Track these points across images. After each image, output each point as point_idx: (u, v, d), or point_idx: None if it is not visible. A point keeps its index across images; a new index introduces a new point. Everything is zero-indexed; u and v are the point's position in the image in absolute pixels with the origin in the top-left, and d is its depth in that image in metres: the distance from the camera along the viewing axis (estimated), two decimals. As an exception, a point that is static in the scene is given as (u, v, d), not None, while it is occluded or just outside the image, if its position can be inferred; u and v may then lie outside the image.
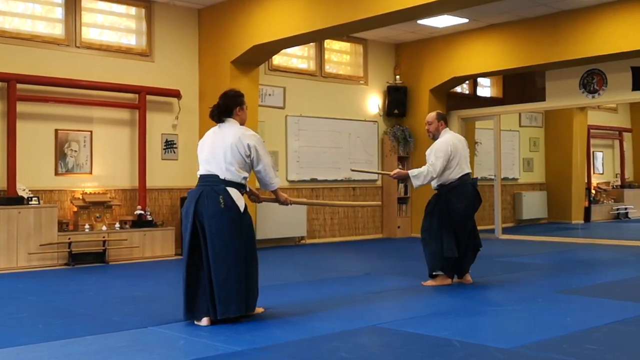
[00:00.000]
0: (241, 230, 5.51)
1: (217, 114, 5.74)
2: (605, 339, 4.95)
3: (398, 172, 7.83)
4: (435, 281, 7.50)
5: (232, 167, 5.53)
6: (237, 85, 10.80)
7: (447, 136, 7.57)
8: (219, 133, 5.70)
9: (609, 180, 17.62)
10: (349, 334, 5.18)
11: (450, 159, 7.39)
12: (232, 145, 5.53)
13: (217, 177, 5.53)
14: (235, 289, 5.44)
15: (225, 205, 5.44)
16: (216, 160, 5.57)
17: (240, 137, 5.56)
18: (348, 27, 9.87)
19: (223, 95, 5.81)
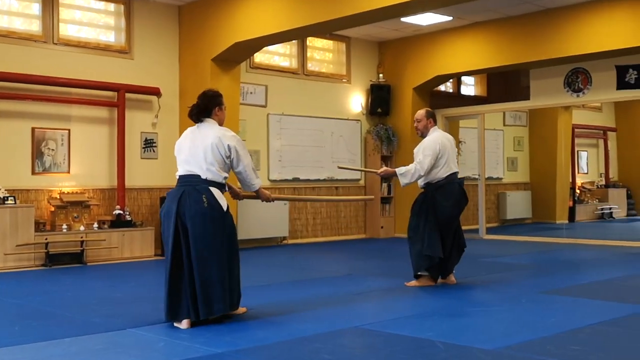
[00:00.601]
0: (223, 230, 5.52)
1: (196, 113, 5.74)
2: (590, 340, 4.97)
3: (385, 170, 7.91)
4: (419, 282, 7.51)
5: (213, 167, 5.53)
6: (218, 83, 10.80)
7: (435, 134, 7.59)
8: (197, 133, 5.69)
9: (594, 179, 17.73)
10: (331, 335, 5.18)
11: (438, 158, 7.41)
12: (213, 146, 5.53)
13: (198, 177, 5.53)
14: (218, 289, 5.44)
15: (209, 205, 5.43)
16: (196, 160, 5.56)
17: (221, 137, 5.57)
18: (331, 25, 9.86)
19: (202, 95, 5.81)
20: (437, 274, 7.54)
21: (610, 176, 17.83)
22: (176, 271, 5.53)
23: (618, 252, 10.74)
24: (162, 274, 5.60)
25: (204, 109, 5.74)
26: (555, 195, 15.66)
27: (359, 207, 13.72)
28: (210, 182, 5.52)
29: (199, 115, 5.73)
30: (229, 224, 5.59)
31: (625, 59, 11.45)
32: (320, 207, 13.12)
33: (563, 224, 15.20)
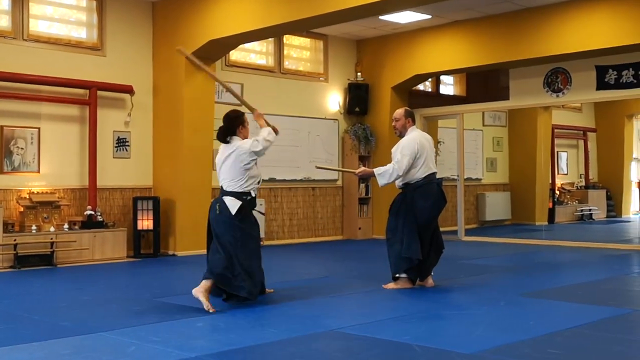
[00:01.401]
0: (232, 230, 6.48)
1: (223, 134, 6.72)
2: (569, 343, 4.99)
3: (363, 170, 7.99)
4: (396, 284, 7.51)
5: (232, 181, 6.59)
6: (193, 81, 10.79)
7: (413, 134, 7.60)
8: (224, 151, 6.68)
9: (573, 181, 17.83)
10: (307, 339, 5.16)
11: (416, 158, 7.42)
12: (231, 163, 6.58)
13: (222, 189, 6.68)
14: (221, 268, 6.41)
15: (220, 212, 6.53)
16: (222, 174, 6.68)
17: (237, 151, 6.56)
18: (308, 22, 9.86)
19: (225, 117, 6.80)
20: (415, 275, 7.54)
21: (590, 177, 17.95)
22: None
23: (597, 254, 10.80)
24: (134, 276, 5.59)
25: (228, 129, 6.72)
26: (535, 196, 15.74)
27: (336, 208, 13.71)
28: (228, 192, 6.60)
29: (225, 136, 6.71)
30: (238, 226, 6.51)
31: (605, 59, 11.51)
32: (297, 208, 13.09)
33: (542, 226, 15.29)
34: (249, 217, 6.71)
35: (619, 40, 10.58)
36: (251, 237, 6.69)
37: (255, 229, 6.83)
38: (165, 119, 11.16)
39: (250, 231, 6.69)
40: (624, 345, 4.96)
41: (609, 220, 17.22)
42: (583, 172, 18.06)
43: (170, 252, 10.97)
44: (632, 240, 12.88)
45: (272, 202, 12.67)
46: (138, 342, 5.07)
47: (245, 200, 6.61)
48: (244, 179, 6.59)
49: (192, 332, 5.42)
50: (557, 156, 17.15)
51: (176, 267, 9.76)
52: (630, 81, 11.32)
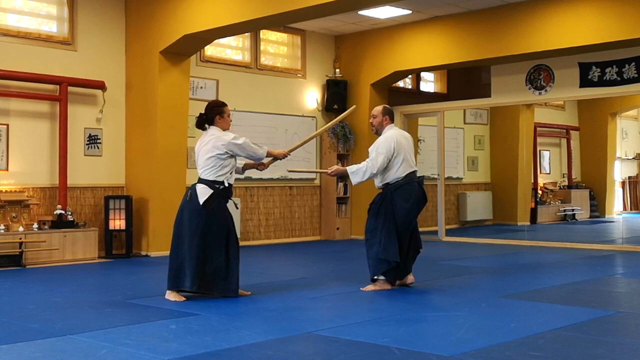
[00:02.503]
0: (198, 220, 6.76)
1: (200, 122, 7.02)
2: (550, 346, 5.02)
3: (336, 170, 7.90)
4: (375, 286, 7.53)
5: (206, 168, 6.81)
6: (167, 77, 10.77)
7: (390, 132, 7.62)
8: (203, 138, 6.95)
9: (556, 180, 17.93)
10: (283, 341, 5.17)
11: (393, 157, 7.44)
12: (207, 151, 6.80)
13: (199, 177, 6.88)
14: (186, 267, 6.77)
15: (190, 198, 6.83)
16: (198, 163, 6.92)
17: (216, 141, 6.79)
18: (285, 17, 9.85)
19: (206, 105, 7.10)
20: (394, 277, 7.56)
21: (573, 177, 18.05)
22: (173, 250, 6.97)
23: (580, 255, 10.88)
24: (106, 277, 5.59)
25: (206, 118, 7.00)
26: (517, 196, 15.82)
27: (314, 208, 13.73)
28: (202, 180, 6.83)
29: (202, 124, 7.02)
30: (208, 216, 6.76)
31: (589, 56, 11.60)
32: (273, 208, 13.10)
33: (524, 226, 15.37)
34: (220, 211, 6.89)
35: (602, 36, 10.67)
36: (217, 229, 6.85)
37: (224, 221, 6.92)
38: (139, 115, 11.13)
39: (217, 224, 6.85)
40: (607, 348, 4.99)
41: (592, 220, 17.34)
42: (566, 172, 18.16)
43: (143, 253, 10.94)
44: (615, 241, 12.97)
45: (248, 202, 12.66)
46: (110, 345, 5.05)
47: (217, 190, 6.82)
48: (217, 167, 6.81)
49: (165, 334, 5.41)
50: (539, 155, 17.23)
51: (149, 268, 9.73)
52: (614, 78, 11.41)
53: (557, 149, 18.15)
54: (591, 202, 17.74)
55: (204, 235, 6.79)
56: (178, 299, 6.82)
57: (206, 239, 6.80)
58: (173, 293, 6.88)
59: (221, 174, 6.85)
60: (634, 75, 11.21)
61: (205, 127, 7.03)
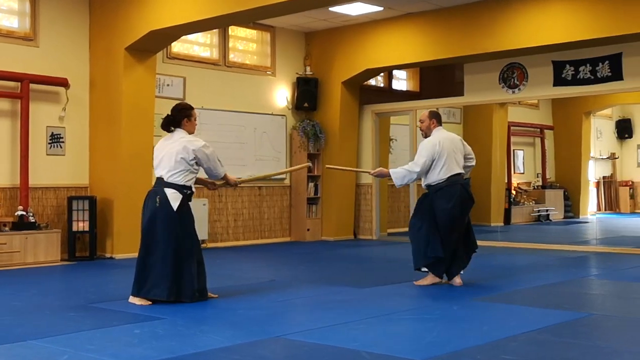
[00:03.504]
0: (171, 226, 6.76)
1: (166, 124, 6.99)
2: (522, 349, 5.06)
3: (380, 171, 8.41)
4: (425, 280, 8.00)
5: (175, 171, 6.77)
6: (132, 74, 10.72)
7: (437, 135, 7.99)
8: (168, 140, 6.95)
9: (530, 180, 18.04)
10: (251, 346, 5.16)
11: (436, 159, 7.80)
12: (177, 153, 6.76)
13: (162, 180, 6.82)
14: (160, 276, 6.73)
15: (160, 204, 6.75)
16: (163, 165, 6.83)
17: (186, 145, 6.79)
18: (255, 13, 9.84)
19: (173, 107, 7.05)
20: (441, 272, 7.95)
21: (547, 176, 18.18)
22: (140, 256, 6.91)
23: (554, 256, 10.96)
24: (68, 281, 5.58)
25: (172, 120, 6.98)
26: (490, 196, 15.87)
27: (284, 209, 13.72)
28: (169, 184, 6.78)
29: (168, 125, 6.98)
30: (180, 222, 6.81)
31: (562, 54, 11.69)
32: (242, 209, 13.07)
33: (498, 227, 15.43)
34: (189, 213, 6.98)
35: (576, 35, 10.74)
36: (189, 235, 6.94)
37: (193, 227, 7.05)
38: (103, 113, 11.05)
39: (188, 230, 6.95)
40: (579, 351, 5.04)
41: (567, 221, 17.46)
42: (540, 171, 18.28)
43: (107, 255, 10.87)
44: (589, 242, 13.08)
45: (216, 202, 12.63)
46: (71, 350, 5.02)
47: (185, 194, 6.88)
48: (186, 171, 6.83)
49: (129, 339, 5.39)
50: (513, 154, 17.33)
51: (114, 270, 9.68)
52: (588, 77, 11.51)
53: (531, 148, 18.27)
54: (565, 202, 17.88)
55: (179, 242, 6.81)
56: (144, 302, 6.77)
57: (180, 245, 6.82)
58: (138, 297, 6.85)
59: (189, 179, 6.88)
60: (608, 74, 11.32)
61: (171, 129, 7.00)
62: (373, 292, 7.60)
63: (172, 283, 6.73)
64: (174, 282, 6.75)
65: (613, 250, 11.43)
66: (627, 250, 11.41)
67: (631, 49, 11.09)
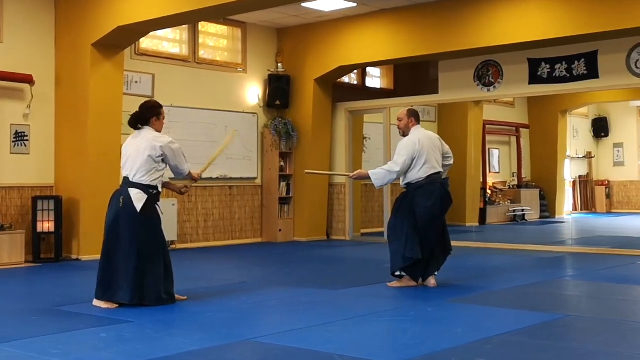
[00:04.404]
0: (134, 228, 6.71)
1: (133, 121, 6.93)
2: (496, 351, 5.08)
3: (359, 173, 8.41)
4: (400, 282, 7.97)
5: (141, 171, 6.74)
6: (99, 71, 10.66)
7: (415, 133, 8.01)
8: (135, 139, 6.90)
9: (506, 179, 18.16)
10: (221, 349, 5.15)
11: (416, 158, 7.82)
12: (144, 151, 6.73)
13: (127, 180, 6.80)
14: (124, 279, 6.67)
15: (124, 205, 6.72)
16: (129, 164, 6.81)
17: (152, 141, 6.76)
18: (225, 9, 9.81)
19: (141, 105, 7.05)
20: (417, 274, 7.93)
21: (523, 176, 18.30)
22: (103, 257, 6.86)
23: (530, 256, 11.02)
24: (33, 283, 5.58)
25: (141, 117, 6.94)
26: (465, 196, 15.92)
27: (255, 209, 13.69)
28: (134, 184, 6.74)
29: (136, 123, 6.92)
30: (145, 224, 6.75)
31: (538, 51, 11.75)
32: (212, 209, 13.02)
33: (473, 227, 15.50)
34: (154, 214, 6.93)
35: (552, 32, 10.80)
36: (154, 237, 6.89)
37: (159, 228, 7.01)
38: (69, 111, 10.98)
39: (154, 231, 6.89)
40: (554, 353, 5.07)
41: (542, 221, 17.59)
42: (516, 171, 18.41)
43: (73, 257, 10.80)
44: (565, 242, 13.17)
45: (186, 202, 12.58)
46: (35, 355, 4.98)
47: (151, 194, 6.83)
48: (152, 170, 6.79)
49: (95, 342, 5.36)
50: (488, 153, 17.44)
51: (80, 272, 9.60)
52: (563, 75, 11.58)
53: (506, 147, 18.39)
54: (541, 202, 18.01)
55: (143, 244, 6.76)
56: (110, 305, 6.72)
57: (145, 247, 6.76)
58: (102, 301, 6.79)
59: (155, 178, 6.83)
60: (584, 72, 11.39)
61: (139, 126, 6.95)
62: (346, 293, 7.60)
63: (136, 286, 6.67)
64: (137, 285, 6.68)
65: (589, 251, 11.50)
66: (603, 250, 11.49)
67: (607, 46, 11.17)
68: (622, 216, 18.98)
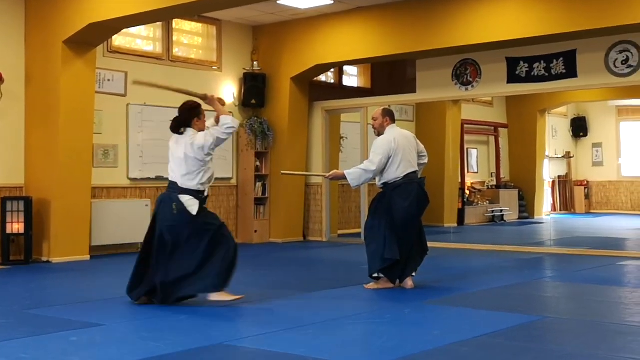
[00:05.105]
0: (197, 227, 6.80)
1: (177, 126, 6.97)
2: (473, 354, 5.09)
3: (335, 173, 8.39)
4: (377, 284, 7.97)
5: (189, 175, 6.80)
6: (71, 69, 10.59)
7: (391, 132, 8.03)
8: (178, 143, 6.92)
9: (484, 179, 18.23)
10: (193, 353, 5.13)
11: (392, 157, 7.84)
12: (187, 156, 6.79)
13: (176, 184, 6.87)
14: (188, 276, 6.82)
15: (177, 212, 6.76)
16: (176, 170, 6.88)
17: (191, 145, 6.79)
18: (200, 6, 9.79)
19: (181, 107, 7.07)
20: (395, 276, 7.94)
21: (502, 176, 18.37)
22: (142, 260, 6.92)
23: (508, 257, 11.06)
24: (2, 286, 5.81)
25: (183, 121, 6.98)
26: (443, 196, 15.97)
27: (230, 209, 13.65)
28: (183, 189, 6.80)
29: (178, 127, 6.96)
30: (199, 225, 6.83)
31: (516, 50, 11.79)
32: (186, 209, 12.94)
33: (451, 228, 15.57)
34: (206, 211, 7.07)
35: (530, 31, 10.84)
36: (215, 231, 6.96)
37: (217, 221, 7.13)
38: (40, 110, 10.90)
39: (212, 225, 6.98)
40: (531, 355, 5.08)
41: (521, 221, 17.68)
42: (494, 171, 18.48)
43: (44, 259, 10.71)
44: (544, 243, 13.24)
45: (160, 203, 12.50)
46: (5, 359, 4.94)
47: (201, 199, 6.93)
48: (200, 173, 6.85)
49: (65, 347, 5.31)
50: (467, 153, 17.50)
51: (50, 275, 9.55)
52: (542, 74, 11.63)
53: (485, 147, 18.46)
54: (520, 202, 18.10)
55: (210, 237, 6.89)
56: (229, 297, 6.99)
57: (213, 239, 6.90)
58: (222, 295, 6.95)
59: (203, 181, 6.89)
60: (562, 71, 11.45)
61: (181, 130, 6.97)
62: (322, 295, 7.60)
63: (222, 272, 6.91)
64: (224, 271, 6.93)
65: (568, 252, 11.55)
66: (582, 251, 11.55)
67: (585, 46, 11.23)
68: (601, 216, 19.12)
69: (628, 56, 10.87)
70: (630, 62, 10.85)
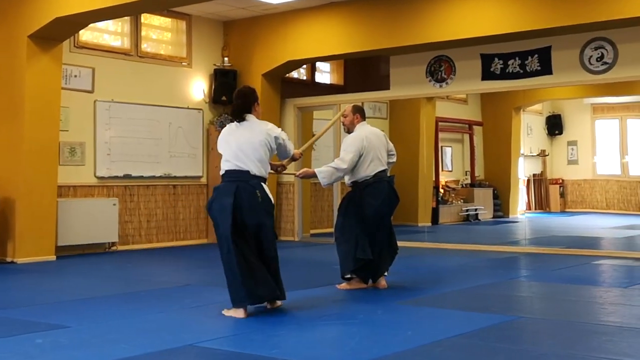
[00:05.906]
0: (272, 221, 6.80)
1: (239, 112, 6.79)
2: (446, 355, 5.11)
3: (305, 171, 8.23)
4: (350, 284, 7.96)
5: (262, 163, 6.68)
6: (36, 64, 10.52)
7: (361, 130, 8.04)
8: (244, 129, 6.73)
9: (458, 178, 18.30)
10: (162, 355, 5.11)
11: (363, 155, 7.83)
12: (262, 143, 6.67)
13: (248, 173, 6.58)
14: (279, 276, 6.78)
15: (262, 199, 6.60)
16: (246, 156, 6.60)
17: (268, 132, 6.75)
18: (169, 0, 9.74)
19: (239, 93, 6.94)
20: (367, 276, 7.96)
21: (476, 174, 18.44)
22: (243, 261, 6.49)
23: (483, 257, 11.10)
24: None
25: (247, 105, 6.83)
26: (417, 195, 16.02)
27: (200, 209, 13.60)
28: (259, 177, 6.66)
29: (242, 113, 6.78)
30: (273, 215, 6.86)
31: (491, 47, 11.84)
32: (155, 209, 12.92)
33: (425, 227, 15.60)
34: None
35: (505, 27, 10.90)
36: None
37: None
38: (4, 106, 10.82)
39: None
40: (505, 356, 5.11)
41: (496, 220, 17.75)
42: (469, 169, 18.55)
43: (8, 259, 10.63)
44: (519, 242, 13.30)
45: (128, 202, 12.45)
46: (-34, 362, 4.91)
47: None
48: (267, 162, 6.80)
49: (29, 350, 5.27)
50: (441, 151, 17.55)
51: (15, 276, 9.48)
52: (517, 71, 11.68)
53: (459, 145, 18.52)
54: (494, 201, 18.17)
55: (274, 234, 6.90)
56: None
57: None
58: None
59: (268, 170, 6.87)
60: (537, 68, 11.51)
61: (244, 116, 6.81)
62: (294, 296, 7.57)
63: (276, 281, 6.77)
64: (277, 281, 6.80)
65: (542, 251, 11.62)
66: (557, 250, 11.63)
67: (560, 42, 11.29)
68: (576, 215, 19.26)
69: (603, 53, 10.95)
70: (605, 59, 10.93)
